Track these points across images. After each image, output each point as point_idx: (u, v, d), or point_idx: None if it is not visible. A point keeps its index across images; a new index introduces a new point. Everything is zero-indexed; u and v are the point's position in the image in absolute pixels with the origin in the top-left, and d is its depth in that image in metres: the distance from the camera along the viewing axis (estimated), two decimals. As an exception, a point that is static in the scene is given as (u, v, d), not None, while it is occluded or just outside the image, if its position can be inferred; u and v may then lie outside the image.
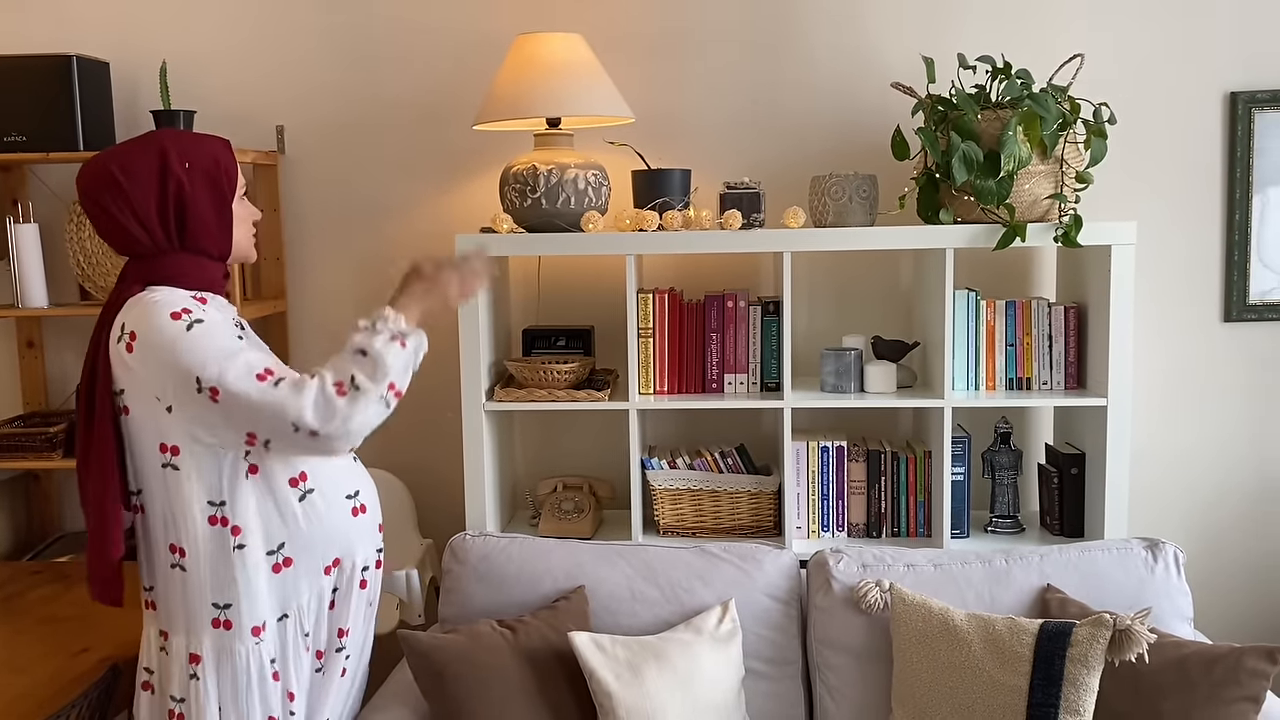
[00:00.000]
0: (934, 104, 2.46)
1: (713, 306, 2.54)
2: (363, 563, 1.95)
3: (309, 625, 1.90)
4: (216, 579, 1.81)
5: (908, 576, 2.21)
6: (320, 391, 1.73)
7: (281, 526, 1.83)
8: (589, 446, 2.87)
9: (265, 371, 1.74)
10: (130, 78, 2.86)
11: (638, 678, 2.00)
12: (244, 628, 1.81)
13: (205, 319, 1.76)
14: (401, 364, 1.79)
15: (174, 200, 1.79)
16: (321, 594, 1.90)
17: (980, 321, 2.51)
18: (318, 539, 1.87)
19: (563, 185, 2.48)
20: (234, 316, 1.91)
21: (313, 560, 1.88)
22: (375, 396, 1.75)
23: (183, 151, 1.81)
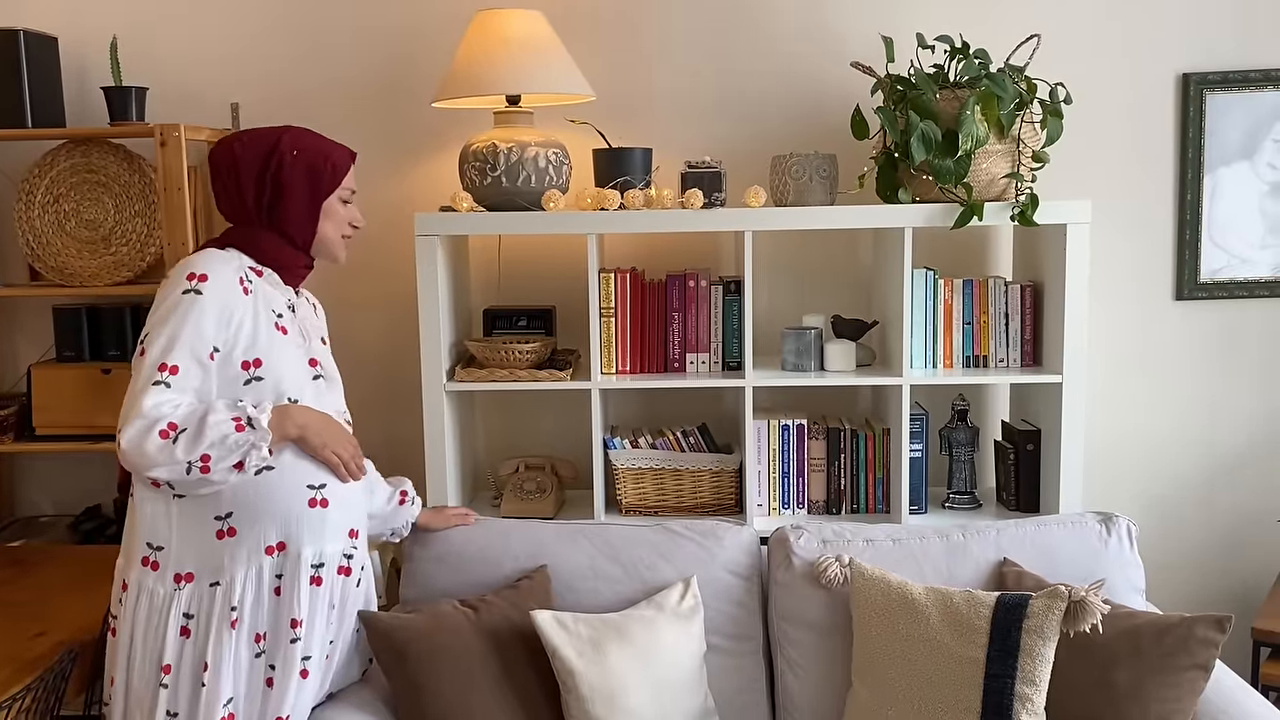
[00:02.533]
0: (893, 83, 2.47)
1: (674, 286, 2.55)
2: (314, 558, 1.90)
3: (237, 600, 1.85)
4: (158, 519, 1.85)
5: (867, 552, 2.23)
6: (155, 420, 1.75)
7: (234, 496, 1.84)
8: (551, 427, 2.87)
9: (164, 367, 1.78)
10: (79, 53, 2.80)
11: (600, 655, 2.01)
12: (167, 572, 1.85)
13: (205, 295, 1.82)
14: (224, 444, 1.76)
15: (272, 178, 1.91)
16: (261, 574, 1.87)
17: (938, 300, 2.54)
18: (262, 515, 1.86)
19: (523, 164, 2.47)
20: (283, 304, 1.94)
21: (253, 535, 1.86)
22: (181, 458, 1.75)
23: (296, 141, 1.95)
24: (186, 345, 1.80)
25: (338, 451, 1.91)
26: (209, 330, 1.82)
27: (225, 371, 1.84)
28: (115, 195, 2.68)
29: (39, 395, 2.69)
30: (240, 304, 1.86)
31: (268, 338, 1.88)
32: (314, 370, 1.96)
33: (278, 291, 1.95)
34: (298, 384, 1.91)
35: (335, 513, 1.93)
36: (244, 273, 1.90)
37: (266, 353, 1.87)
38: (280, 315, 1.92)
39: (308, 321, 2.03)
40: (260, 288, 1.92)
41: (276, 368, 1.87)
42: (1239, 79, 2.71)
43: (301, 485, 1.89)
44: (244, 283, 1.89)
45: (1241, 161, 2.74)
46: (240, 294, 1.87)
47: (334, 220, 1.99)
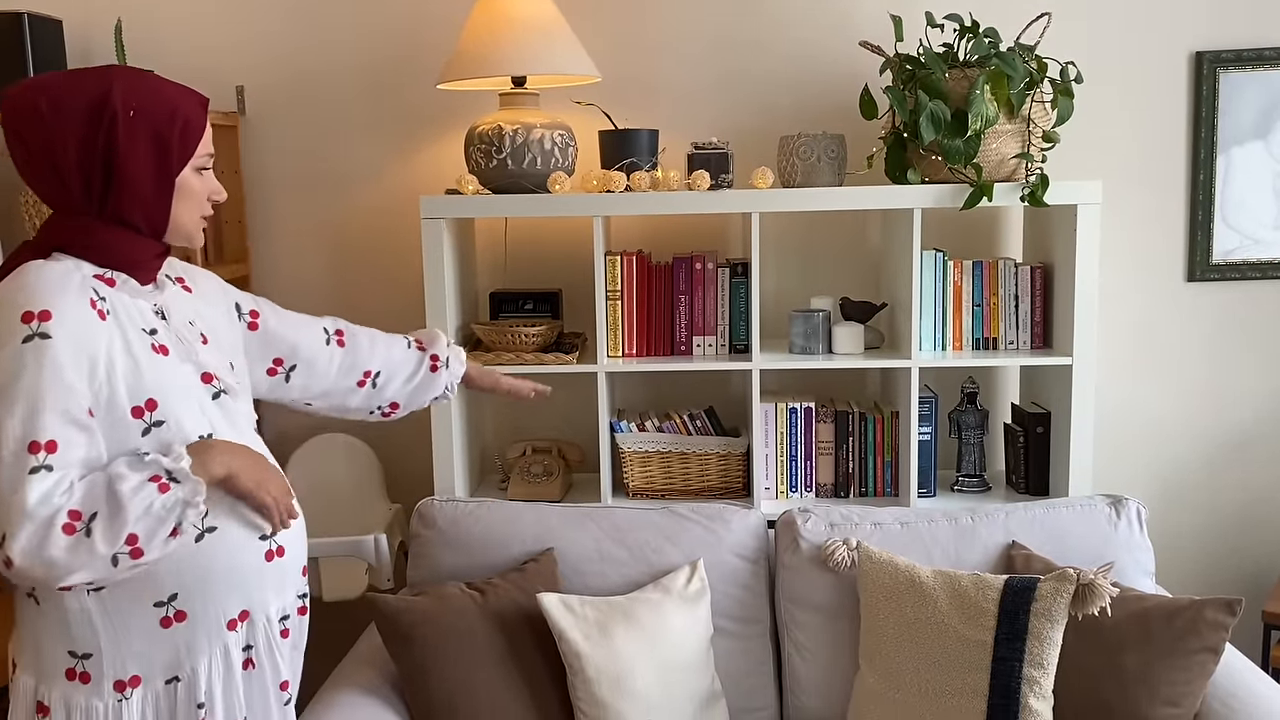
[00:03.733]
0: (902, 63, 2.45)
1: (681, 268, 2.53)
2: (280, 611, 1.63)
3: (204, 693, 1.52)
4: (77, 623, 1.47)
5: (875, 535, 2.22)
6: (50, 517, 1.34)
7: (175, 573, 1.48)
8: (557, 410, 2.86)
9: (35, 446, 1.35)
10: (84, 36, 2.79)
11: (607, 637, 2.01)
12: (104, 682, 1.48)
13: (55, 338, 1.37)
14: (150, 515, 1.38)
15: (102, 149, 1.43)
16: (227, 654, 1.54)
17: (947, 282, 2.52)
18: (216, 587, 1.51)
19: (529, 146, 2.45)
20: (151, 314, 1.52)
21: (209, 614, 1.52)
22: (104, 550, 1.35)
23: (133, 91, 1.45)
24: (55, 410, 1.36)
25: (270, 493, 1.53)
26: (78, 380, 1.38)
27: (112, 427, 1.42)
28: (121, 179, 2.67)
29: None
30: (99, 336, 1.42)
31: (151, 368, 1.46)
32: (211, 386, 1.55)
33: (141, 299, 1.51)
34: (201, 414, 1.52)
35: (294, 557, 1.64)
36: (92, 289, 1.44)
37: (157, 388, 1.46)
38: (154, 331, 1.50)
39: (181, 319, 1.57)
40: (118, 303, 1.47)
41: (174, 404, 1.47)
42: (1253, 57, 2.67)
43: (253, 539, 1.55)
44: (95, 304, 1.43)
45: (1255, 141, 2.71)
46: (96, 321, 1.42)
47: (191, 200, 1.52)
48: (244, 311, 1.76)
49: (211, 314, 1.66)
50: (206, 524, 1.48)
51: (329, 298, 2.85)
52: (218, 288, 1.73)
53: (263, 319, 1.78)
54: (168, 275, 1.61)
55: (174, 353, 1.51)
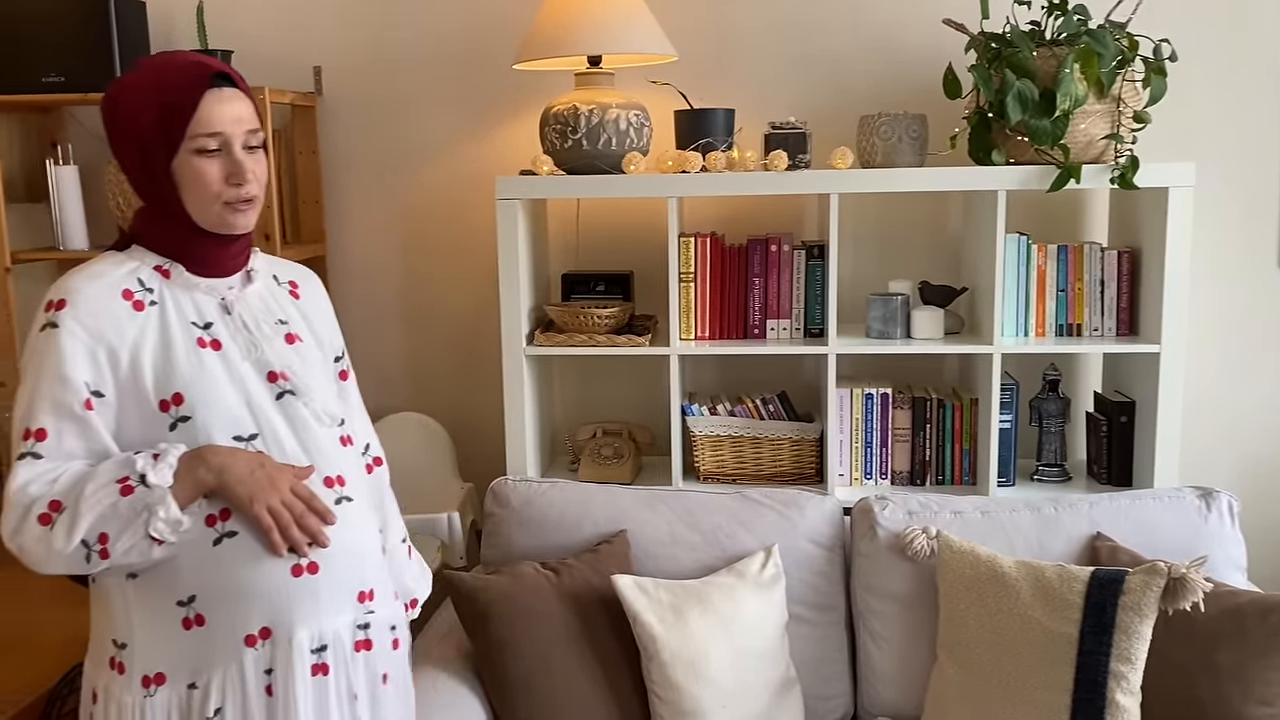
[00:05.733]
0: (987, 41, 2.38)
1: (755, 251, 2.50)
2: (313, 640, 1.47)
3: (215, 706, 1.44)
4: (117, 610, 1.46)
5: (954, 524, 2.18)
6: (29, 504, 1.35)
7: (193, 573, 1.42)
8: (627, 393, 2.85)
9: (28, 433, 1.38)
10: (166, 17, 2.83)
11: (681, 621, 2.00)
12: (134, 675, 1.45)
13: (62, 328, 1.38)
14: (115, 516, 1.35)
15: (111, 134, 1.47)
16: (243, 670, 1.44)
17: (1031, 266, 2.46)
18: (232, 596, 1.43)
19: (604, 126, 2.44)
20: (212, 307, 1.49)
21: (226, 623, 1.44)
22: (61, 547, 1.34)
23: (127, 78, 1.46)
24: (48, 398, 1.37)
25: (271, 507, 1.41)
26: (77, 372, 1.37)
27: (141, 418, 1.42)
28: (201, 159, 2.70)
29: (129, 356, 2.74)
30: (127, 326, 1.41)
31: (188, 361, 1.43)
32: (277, 385, 1.50)
33: (199, 292, 1.49)
34: (248, 412, 1.46)
35: (332, 578, 1.49)
36: (137, 280, 1.45)
37: (191, 384, 1.42)
38: (208, 325, 1.47)
39: (263, 316, 1.54)
40: (168, 294, 1.46)
41: (207, 400, 1.43)
42: (1357, 34, 2.56)
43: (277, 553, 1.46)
44: (132, 295, 1.43)
45: (1357, 122, 2.60)
46: (124, 312, 1.42)
47: (196, 184, 1.43)
48: (341, 362, 1.70)
49: (317, 326, 1.63)
50: (226, 528, 1.42)
51: (403, 279, 2.86)
52: (330, 316, 1.69)
53: (348, 383, 1.72)
54: (275, 276, 1.60)
55: (229, 348, 1.48)
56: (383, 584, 1.58)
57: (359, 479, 1.58)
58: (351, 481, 1.54)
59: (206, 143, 1.42)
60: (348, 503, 1.52)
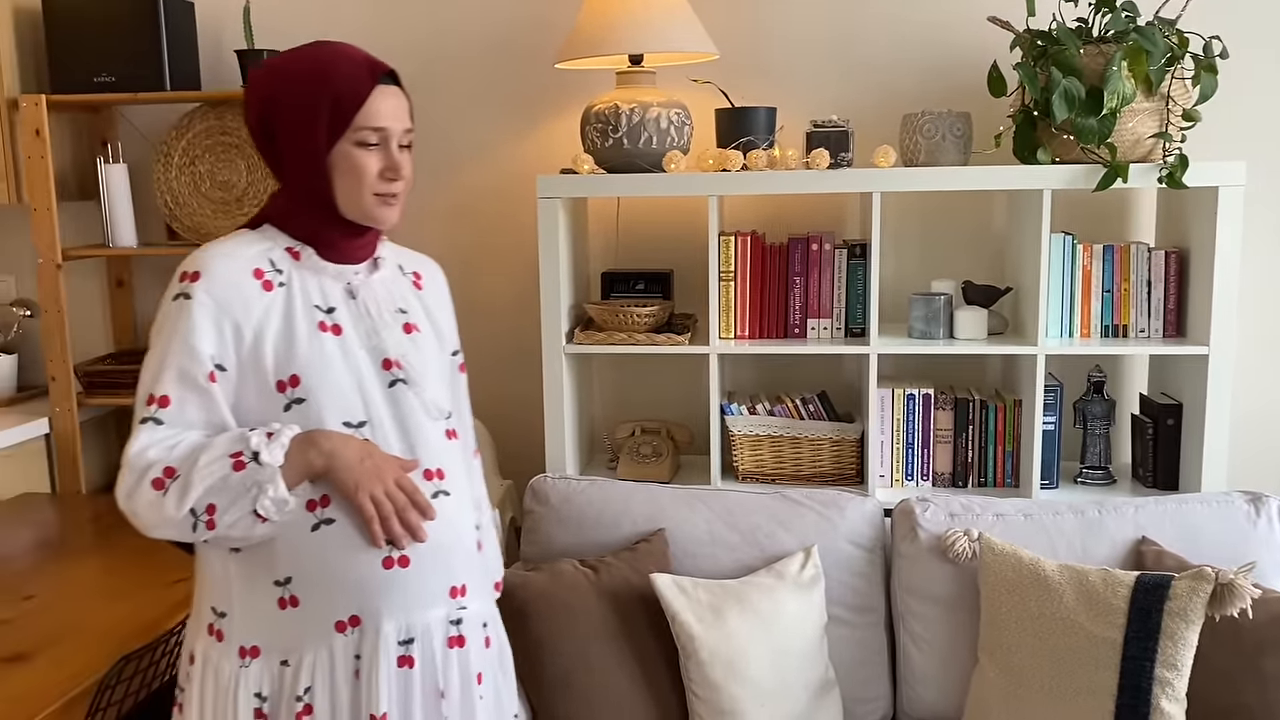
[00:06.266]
0: (1033, 38, 2.35)
1: (796, 249, 2.49)
2: (401, 632, 1.48)
3: (305, 686, 1.46)
4: (217, 580, 1.49)
5: (997, 526, 2.16)
6: (145, 468, 1.38)
7: (291, 555, 1.45)
8: (666, 391, 2.85)
9: (152, 399, 1.40)
10: (214, 17, 2.87)
11: (720, 620, 1.99)
12: (232, 645, 1.48)
13: (194, 300, 1.41)
14: (224, 489, 1.37)
15: (266, 124, 1.48)
16: (333, 654, 1.46)
17: (1076, 266, 2.43)
18: (325, 582, 1.46)
19: (645, 124, 2.44)
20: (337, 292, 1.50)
21: (318, 608, 1.46)
22: (173, 514, 1.37)
23: (292, 62, 1.47)
24: (174, 367, 1.40)
25: (375, 497, 1.42)
26: (204, 344, 1.40)
27: (259, 395, 1.44)
28: (247, 157, 2.74)
29: (176, 351, 2.78)
30: (254, 305, 1.44)
31: (309, 344, 1.45)
32: (390, 374, 1.51)
33: (327, 276, 1.51)
34: (359, 399, 1.47)
35: (422, 572, 1.49)
36: (269, 260, 1.47)
37: (307, 366, 1.44)
38: (331, 310, 1.49)
39: (385, 304, 1.55)
40: (296, 276, 1.48)
41: (322, 383, 1.45)
42: None
43: (367, 543, 1.46)
44: (263, 274, 1.46)
45: None
46: (254, 291, 1.44)
47: (351, 176, 1.45)
48: (458, 355, 1.71)
49: (437, 318, 1.63)
50: (325, 515, 1.44)
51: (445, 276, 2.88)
52: (448, 308, 1.69)
53: (462, 377, 1.73)
54: (400, 266, 1.61)
55: (350, 334, 1.49)
56: (476, 579, 1.57)
57: (460, 474, 1.57)
58: (452, 476, 1.54)
59: (369, 136, 1.45)
60: (445, 497, 1.52)
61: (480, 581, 1.59)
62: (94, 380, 2.79)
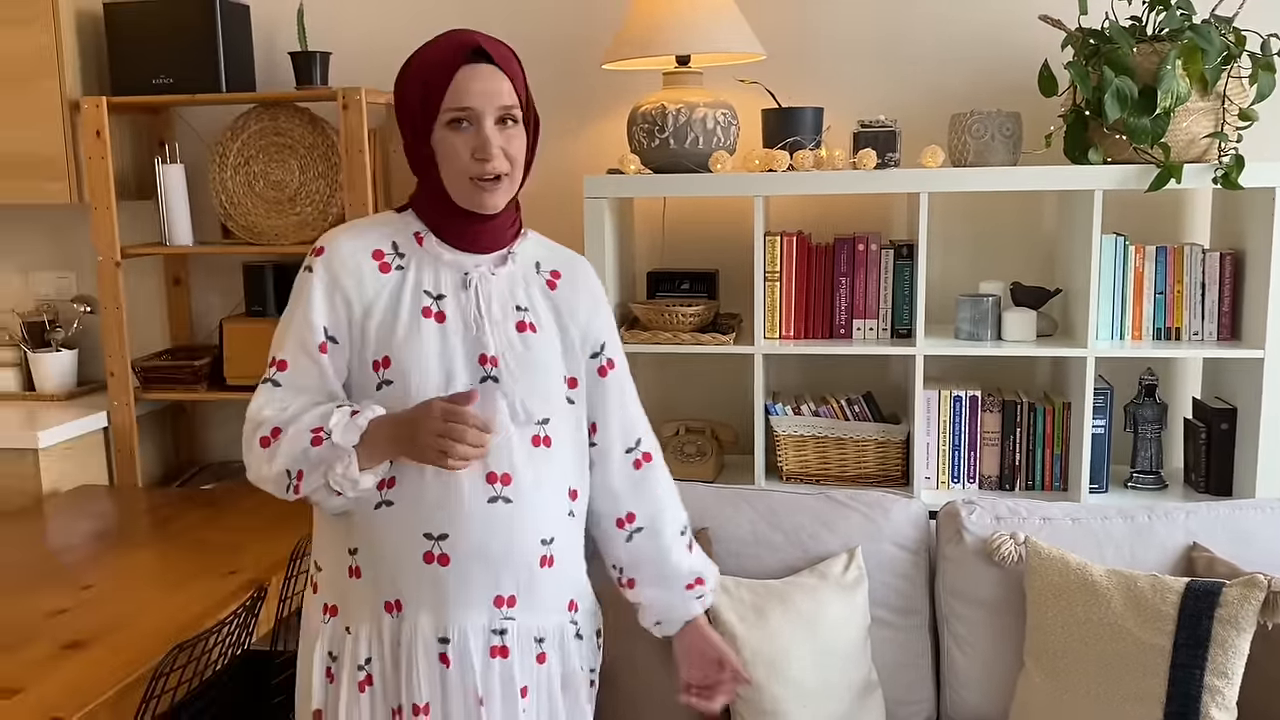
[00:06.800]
0: (1085, 37, 2.33)
1: (843, 250, 2.48)
2: (438, 629, 1.48)
3: (364, 657, 1.51)
4: (319, 537, 1.59)
5: (1043, 530, 2.13)
6: (258, 425, 1.46)
7: (360, 528, 1.50)
8: (709, 391, 2.86)
9: (273, 361, 1.48)
10: (268, 20, 2.92)
11: (762, 620, 2.00)
12: (320, 599, 1.58)
13: (314, 273, 1.48)
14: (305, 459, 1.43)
15: (395, 107, 1.51)
16: (382, 634, 1.51)
17: (1128, 268, 2.40)
18: (378, 561, 1.49)
19: (691, 125, 2.44)
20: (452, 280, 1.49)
21: (374, 584, 1.50)
22: (268, 473, 1.45)
23: (413, 55, 1.50)
24: (294, 335, 1.46)
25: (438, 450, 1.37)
26: (318, 316, 1.46)
27: (359, 371, 1.48)
28: (300, 157, 2.79)
29: (230, 347, 2.84)
30: (368, 284, 1.47)
31: (408, 328, 1.46)
32: (484, 369, 1.48)
33: (444, 264, 1.50)
34: (439, 389, 1.46)
35: (462, 574, 1.47)
36: (392, 243, 1.50)
37: (401, 348, 1.45)
38: (440, 297, 1.48)
39: (500, 298, 1.51)
40: (416, 261, 1.49)
41: (409, 368, 1.45)
42: None
43: (416, 533, 1.47)
44: (383, 256, 1.48)
45: None
46: (370, 271, 1.47)
47: (448, 159, 1.44)
48: (603, 355, 1.62)
49: (574, 319, 1.57)
50: (386, 496, 1.46)
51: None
52: (592, 309, 1.60)
53: (609, 378, 1.62)
54: (538, 263, 1.57)
55: (453, 322, 1.48)
56: (538, 595, 1.52)
57: (536, 484, 1.50)
58: (520, 484, 1.48)
59: (457, 115, 1.43)
60: (504, 504, 1.47)
61: (544, 598, 1.54)
62: (151, 375, 2.86)
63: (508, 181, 1.46)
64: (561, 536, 1.54)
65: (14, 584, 2.08)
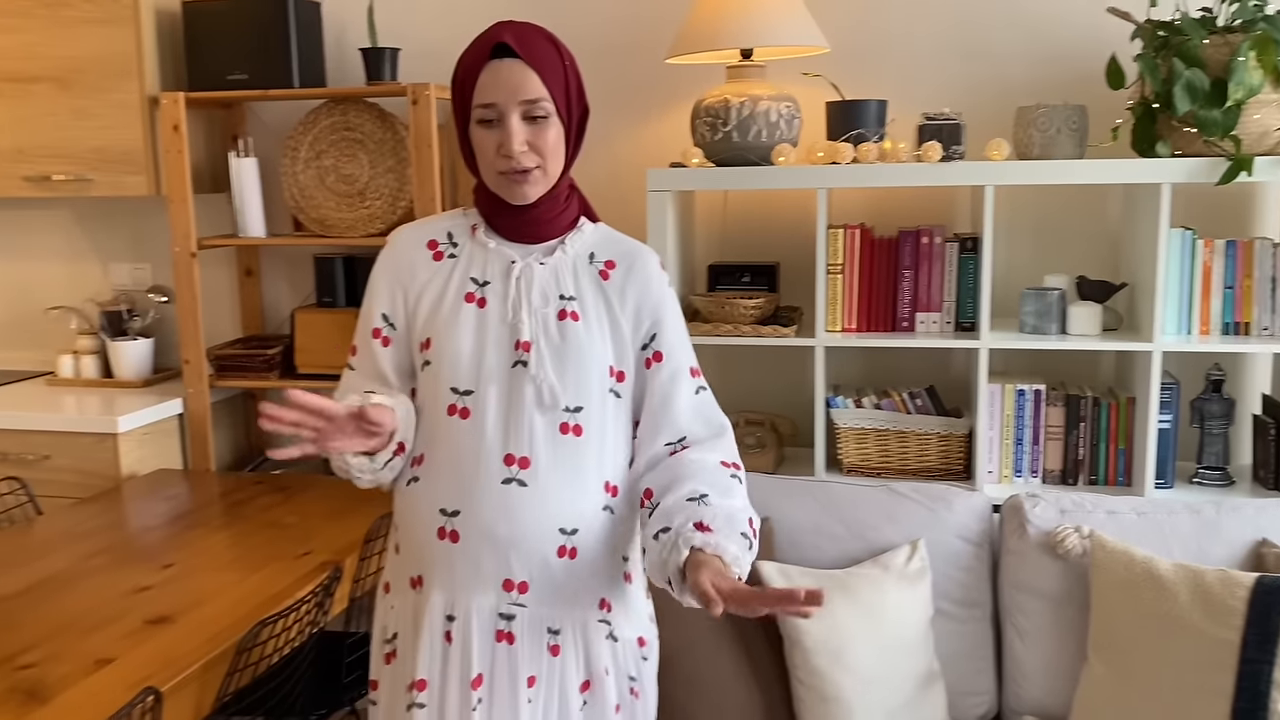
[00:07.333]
0: (1154, 29, 2.31)
1: (907, 243, 2.49)
2: (447, 606, 1.51)
3: (392, 631, 1.58)
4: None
5: (1109, 524, 2.13)
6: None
7: (397, 503, 1.58)
8: (768, 383, 2.87)
9: (353, 347, 1.59)
10: (339, 16, 2.99)
11: (825, 610, 2.01)
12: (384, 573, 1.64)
13: (379, 263, 1.57)
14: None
15: None
16: (406, 607, 1.56)
17: (1196, 262, 2.37)
18: (405, 536, 1.56)
19: (754, 118, 2.46)
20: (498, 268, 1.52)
21: (404, 558, 1.57)
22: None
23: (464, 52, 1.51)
24: (363, 322, 1.57)
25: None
26: (378, 304, 1.55)
27: (409, 353, 1.56)
28: (370, 152, 2.85)
29: (301, 337, 2.91)
30: (421, 272, 1.53)
31: (449, 312, 1.50)
32: (518, 354, 1.49)
33: (491, 252, 1.53)
34: (471, 370, 1.48)
35: (471, 553, 1.48)
36: (447, 233, 1.56)
37: (441, 332, 1.50)
38: (485, 283, 1.52)
39: (537, 288, 1.51)
40: (468, 250, 1.54)
41: (445, 350, 1.49)
42: None
43: (434, 508, 1.50)
44: (436, 245, 1.55)
45: None
46: (424, 260, 1.54)
47: (481, 155, 1.48)
48: (651, 346, 1.56)
49: (624, 308, 1.54)
50: (414, 473, 1.52)
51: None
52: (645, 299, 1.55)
53: (653, 370, 1.56)
54: (592, 254, 1.55)
55: (493, 308, 1.50)
56: (550, 584, 1.49)
57: (555, 471, 1.48)
58: (539, 469, 1.47)
59: (484, 113, 1.45)
60: (519, 486, 1.47)
61: (564, 590, 1.50)
62: (225, 363, 2.94)
63: (539, 174, 1.47)
64: (590, 530, 1.50)
65: (100, 563, 2.17)
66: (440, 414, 1.49)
